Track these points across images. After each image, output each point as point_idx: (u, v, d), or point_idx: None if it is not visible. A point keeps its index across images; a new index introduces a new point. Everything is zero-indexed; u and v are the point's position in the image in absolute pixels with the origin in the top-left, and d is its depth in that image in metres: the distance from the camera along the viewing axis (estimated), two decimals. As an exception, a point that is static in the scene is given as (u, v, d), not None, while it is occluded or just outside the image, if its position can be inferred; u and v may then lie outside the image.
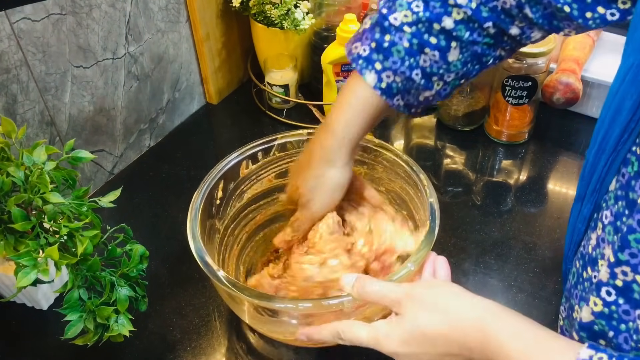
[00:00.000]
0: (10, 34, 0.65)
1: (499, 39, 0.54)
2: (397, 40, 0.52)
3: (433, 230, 0.57)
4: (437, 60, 0.53)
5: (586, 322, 0.42)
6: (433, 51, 0.52)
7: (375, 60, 0.54)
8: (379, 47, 0.53)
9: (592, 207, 0.46)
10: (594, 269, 0.44)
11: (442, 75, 0.54)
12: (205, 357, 0.64)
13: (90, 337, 0.55)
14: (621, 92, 0.40)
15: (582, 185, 0.47)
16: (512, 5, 0.50)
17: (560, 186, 0.85)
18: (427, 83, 0.54)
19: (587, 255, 0.46)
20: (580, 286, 0.47)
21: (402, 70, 0.53)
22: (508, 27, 0.52)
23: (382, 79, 0.54)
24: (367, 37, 0.55)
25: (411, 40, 0.52)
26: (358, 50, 0.55)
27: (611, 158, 0.42)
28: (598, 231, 0.44)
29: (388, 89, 0.54)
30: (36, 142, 0.55)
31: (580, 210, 0.48)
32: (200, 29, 0.92)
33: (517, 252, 0.74)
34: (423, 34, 0.52)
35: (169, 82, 0.92)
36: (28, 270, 0.50)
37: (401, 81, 0.54)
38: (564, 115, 0.96)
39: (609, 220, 0.42)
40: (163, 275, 0.72)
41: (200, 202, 0.61)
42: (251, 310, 0.56)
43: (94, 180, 0.84)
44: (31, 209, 0.53)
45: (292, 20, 0.91)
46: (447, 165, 0.90)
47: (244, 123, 0.99)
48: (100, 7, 0.75)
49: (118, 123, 0.85)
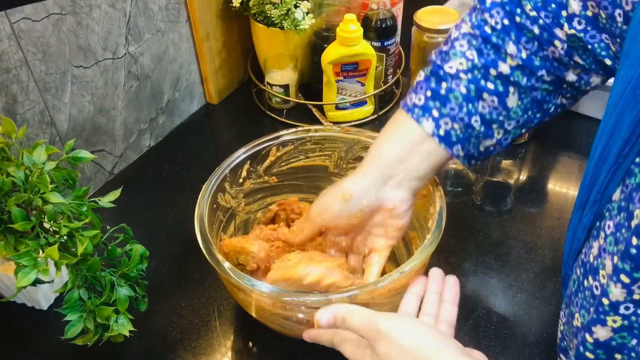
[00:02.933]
0: (10, 34, 0.65)
1: (558, 86, 0.53)
2: (454, 87, 0.52)
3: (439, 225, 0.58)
4: (496, 107, 0.52)
5: (604, 340, 0.42)
6: (492, 96, 0.52)
7: (432, 107, 0.53)
8: (435, 94, 0.53)
9: (593, 216, 0.46)
10: (595, 279, 0.43)
11: (502, 122, 0.53)
12: (205, 357, 0.64)
13: (90, 337, 0.55)
14: (621, 105, 0.40)
15: (582, 195, 0.47)
16: (562, 54, 0.50)
17: (560, 186, 0.85)
18: (488, 130, 0.53)
19: (588, 263, 0.45)
20: (581, 294, 0.46)
21: (460, 116, 0.52)
22: (563, 73, 0.51)
23: (440, 126, 0.53)
24: (422, 87, 0.54)
25: (468, 87, 0.52)
26: (413, 100, 0.54)
27: (613, 169, 0.42)
28: (600, 240, 0.44)
29: (447, 136, 0.53)
30: (36, 142, 0.55)
31: (580, 219, 0.47)
32: (200, 29, 0.92)
33: (517, 252, 0.74)
34: (480, 80, 0.52)
35: (169, 82, 0.92)
36: (28, 270, 0.50)
37: (460, 128, 0.53)
38: (564, 115, 0.96)
39: (610, 231, 0.42)
40: (163, 275, 0.72)
41: (209, 195, 0.62)
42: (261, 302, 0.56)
43: (94, 180, 0.84)
44: (31, 209, 0.53)
45: (292, 20, 0.91)
46: (447, 165, 0.90)
47: (244, 123, 0.99)
48: (100, 7, 0.75)
49: (118, 123, 0.85)
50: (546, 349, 0.63)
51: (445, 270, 0.71)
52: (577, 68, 0.51)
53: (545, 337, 0.64)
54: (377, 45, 0.95)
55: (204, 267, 0.72)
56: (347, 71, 0.91)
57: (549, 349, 0.62)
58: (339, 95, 0.95)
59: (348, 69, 0.91)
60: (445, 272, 0.71)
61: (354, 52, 0.89)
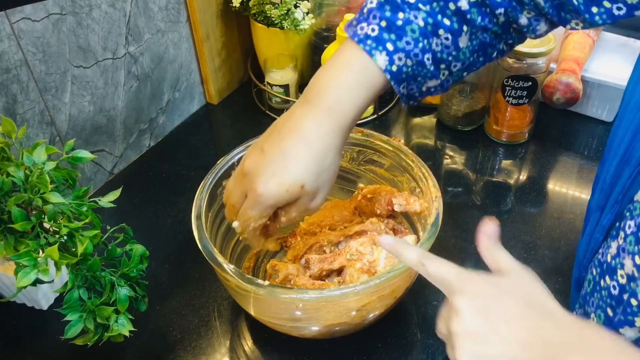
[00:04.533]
0: (10, 34, 0.65)
1: (506, 30, 0.52)
2: (412, 18, 0.48)
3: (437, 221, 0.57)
4: (448, 45, 0.50)
5: (632, 341, 0.42)
6: (446, 34, 0.49)
7: (387, 40, 0.48)
8: (391, 25, 0.48)
9: (613, 217, 0.45)
10: (613, 279, 0.43)
11: (450, 63, 0.51)
12: (205, 357, 0.64)
13: (90, 337, 0.55)
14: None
15: (601, 197, 0.46)
16: None
17: (560, 186, 0.85)
18: (436, 70, 0.51)
19: (605, 263, 0.45)
20: (597, 294, 0.46)
21: (415, 52, 0.48)
22: (518, 15, 0.50)
23: (394, 61, 0.48)
24: (375, 17, 0.49)
25: (426, 20, 0.48)
26: (365, 30, 0.49)
27: (637, 170, 0.42)
28: (619, 240, 0.43)
29: (398, 73, 0.49)
30: (36, 142, 0.54)
31: (599, 221, 0.47)
32: (200, 29, 0.92)
33: (517, 252, 0.74)
34: (437, 14, 0.48)
35: (169, 82, 0.92)
36: (28, 270, 0.50)
37: (412, 65, 0.49)
38: (564, 115, 0.96)
39: (631, 231, 0.42)
40: (163, 275, 0.72)
41: (205, 194, 0.62)
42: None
43: (94, 180, 0.84)
44: (31, 209, 0.53)
45: (292, 20, 0.91)
46: (447, 165, 0.90)
47: (244, 123, 0.99)
48: (100, 7, 0.75)
49: (118, 123, 0.85)
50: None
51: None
52: (532, 11, 0.50)
53: (545, 337, 0.64)
54: (377, 45, 0.95)
55: (204, 267, 0.72)
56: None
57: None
58: (339, 95, 0.95)
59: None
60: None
61: (354, 52, 0.89)
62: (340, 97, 0.49)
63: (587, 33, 0.94)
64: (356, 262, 0.61)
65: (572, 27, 0.51)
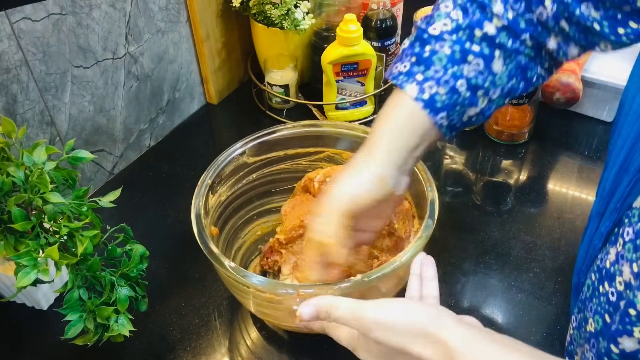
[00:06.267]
0: (10, 34, 0.65)
1: (538, 53, 0.51)
2: (437, 48, 0.50)
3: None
4: (482, 71, 0.50)
5: (631, 351, 0.41)
6: (477, 59, 0.49)
7: (417, 72, 0.50)
8: (419, 58, 0.50)
9: (612, 225, 0.45)
10: (611, 285, 0.43)
11: (487, 89, 0.51)
12: (205, 357, 0.64)
13: (90, 337, 0.55)
14: None
15: (600, 204, 0.46)
16: (549, 17, 0.48)
17: (560, 186, 0.85)
18: (473, 97, 0.50)
19: (604, 269, 0.45)
20: (595, 300, 0.46)
21: (445, 79, 0.49)
22: (545, 39, 0.50)
23: (424, 90, 0.50)
24: (407, 55, 0.52)
25: (453, 48, 0.49)
26: (398, 69, 0.52)
27: (636, 177, 0.42)
28: (618, 247, 0.43)
29: (431, 101, 0.50)
30: (36, 142, 0.55)
31: (597, 228, 0.47)
32: (200, 29, 0.92)
33: (517, 252, 0.74)
34: (465, 42, 0.49)
35: (169, 82, 0.92)
36: (28, 270, 0.50)
37: (445, 93, 0.50)
38: (564, 115, 0.96)
39: (630, 238, 0.42)
40: (163, 275, 0.72)
41: (204, 193, 0.62)
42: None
43: (94, 180, 0.84)
44: (31, 209, 0.53)
45: (292, 20, 0.91)
46: (447, 165, 0.90)
47: (244, 123, 0.99)
48: (100, 7, 0.75)
49: (118, 123, 0.85)
50: (546, 349, 0.62)
51: (446, 270, 0.71)
52: (559, 35, 0.50)
53: (545, 337, 0.64)
54: (377, 45, 0.95)
55: (204, 267, 0.72)
56: (347, 71, 0.91)
57: (549, 349, 0.62)
58: (339, 95, 0.95)
59: (348, 69, 0.91)
60: (445, 272, 0.71)
61: (354, 52, 0.89)
62: (389, 148, 0.51)
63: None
64: None
65: (601, 50, 0.50)
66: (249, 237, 0.73)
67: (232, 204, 0.70)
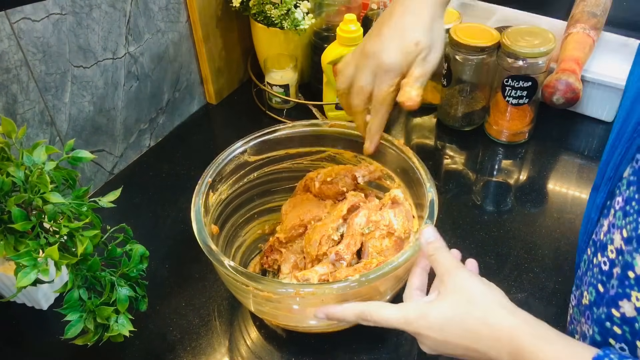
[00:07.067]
0: (10, 34, 0.65)
1: None
2: None
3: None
4: None
5: (630, 317, 0.41)
6: None
7: None
8: None
9: (606, 195, 0.46)
10: (604, 255, 0.44)
11: None
12: (205, 357, 0.64)
13: (90, 337, 0.55)
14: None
15: (598, 176, 0.48)
16: None
17: (560, 186, 0.85)
18: None
19: (598, 241, 0.46)
20: (589, 272, 0.47)
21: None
22: None
23: None
24: None
25: None
26: None
27: (626, 146, 0.43)
28: (610, 217, 0.44)
29: None
30: (36, 142, 0.55)
31: (594, 200, 0.48)
32: (200, 29, 0.92)
33: (517, 252, 0.74)
34: None
35: (169, 82, 0.92)
36: (28, 270, 0.50)
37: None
38: (564, 115, 0.96)
39: (620, 206, 0.43)
40: (163, 275, 0.72)
41: (204, 191, 0.62)
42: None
43: (94, 180, 0.84)
44: (31, 209, 0.53)
45: (292, 20, 0.91)
46: (447, 165, 0.90)
47: (244, 123, 0.99)
48: (100, 7, 0.75)
49: (118, 123, 0.85)
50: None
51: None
52: None
53: (545, 337, 0.64)
54: (377, 45, 0.94)
55: (204, 267, 0.72)
56: (347, 71, 0.91)
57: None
58: (339, 95, 0.95)
59: (348, 69, 0.91)
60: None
61: (354, 52, 0.89)
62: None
63: (587, 33, 0.94)
64: (375, 232, 0.62)
65: None
66: (249, 235, 0.73)
67: (233, 203, 0.69)
